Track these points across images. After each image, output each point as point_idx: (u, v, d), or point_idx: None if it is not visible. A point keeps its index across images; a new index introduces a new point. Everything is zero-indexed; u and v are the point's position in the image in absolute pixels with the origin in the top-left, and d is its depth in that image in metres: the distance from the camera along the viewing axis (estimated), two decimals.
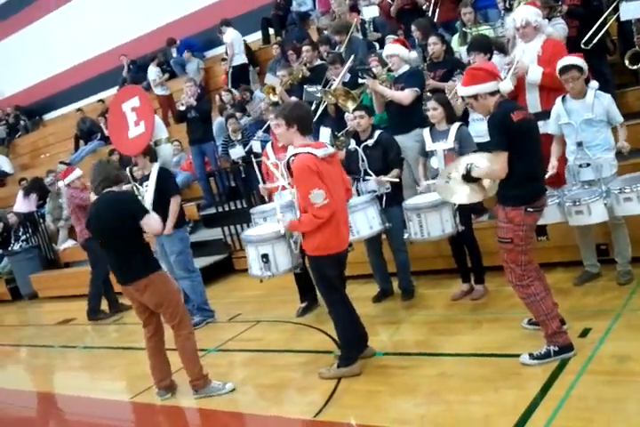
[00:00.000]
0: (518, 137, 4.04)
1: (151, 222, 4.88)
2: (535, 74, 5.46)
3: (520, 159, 4.06)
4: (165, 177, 6.47)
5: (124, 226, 4.79)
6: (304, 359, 5.35)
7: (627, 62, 6.33)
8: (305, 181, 4.39)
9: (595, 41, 6.36)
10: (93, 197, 8.02)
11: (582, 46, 6.28)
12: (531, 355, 4.18)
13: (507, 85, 4.19)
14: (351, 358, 4.76)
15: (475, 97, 4.20)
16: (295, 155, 4.47)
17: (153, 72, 14.03)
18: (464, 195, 4.41)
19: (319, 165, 4.40)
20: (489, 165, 4.18)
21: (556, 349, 4.13)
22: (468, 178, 4.27)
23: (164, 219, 6.42)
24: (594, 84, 5.12)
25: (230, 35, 12.53)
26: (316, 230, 4.48)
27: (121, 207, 4.86)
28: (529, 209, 4.12)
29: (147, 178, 6.36)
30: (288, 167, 4.61)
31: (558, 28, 6.17)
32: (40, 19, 18.99)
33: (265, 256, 5.20)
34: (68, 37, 17.76)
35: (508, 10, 7.82)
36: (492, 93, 4.16)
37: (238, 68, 12.45)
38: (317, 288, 5.08)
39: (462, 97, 4.39)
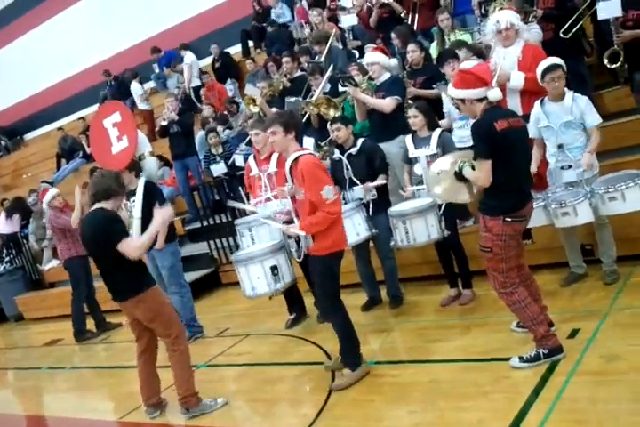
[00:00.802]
0: (501, 146, 3.99)
1: (125, 249, 4.63)
2: (517, 80, 5.49)
3: (503, 169, 4.01)
4: (152, 190, 6.38)
5: (106, 245, 4.70)
6: (295, 372, 5.31)
7: (605, 61, 6.37)
8: (316, 179, 4.47)
9: (574, 30, 6.39)
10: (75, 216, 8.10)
11: (562, 35, 6.32)
12: (521, 358, 4.16)
13: (495, 94, 4.15)
14: (358, 357, 4.76)
15: (462, 100, 4.21)
16: (297, 158, 4.54)
17: (136, 88, 14.00)
18: (450, 190, 4.33)
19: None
20: (475, 171, 4.14)
21: (546, 351, 4.11)
22: (458, 176, 4.23)
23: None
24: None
25: (190, 57, 13.49)
26: (330, 227, 4.54)
27: (99, 228, 4.74)
28: (507, 219, 4.07)
29: (133, 193, 6.30)
30: (289, 173, 4.67)
31: (533, 33, 6.21)
32: (17, 39, 18.95)
33: (275, 268, 5.16)
34: (46, 56, 17.73)
35: (485, 15, 7.88)
36: (480, 100, 4.14)
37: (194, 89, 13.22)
38: (323, 293, 4.78)
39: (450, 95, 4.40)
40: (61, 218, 8.42)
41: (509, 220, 4.07)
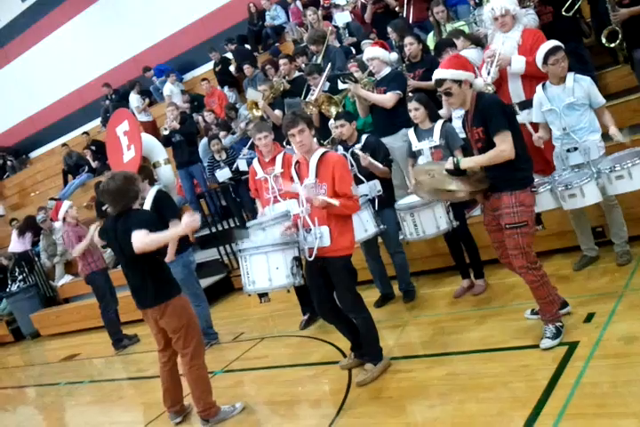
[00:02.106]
0: (512, 119, 4.14)
1: (134, 238, 4.44)
2: (518, 63, 5.43)
3: (517, 141, 4.12)
4: (164, 200, 6.18)
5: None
6: (312, 372, 5.26)
7: (603, 40, 6.29)
8: (348, 174, 4.59)
9: (575, 7, 6.30)
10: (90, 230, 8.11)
11: (563, 13, 6.23)
12: (548, 337, 4.15)
13: (480, 83, 4.17)
14: (380, 351, 4.75)
15: (459, 83, 4.14)
16: (323, 154, 4.57)
17: (134, 100, 14.04)
18: (453, 186, 4.30)
19: None
20: (485, 154, 4.14)
21: (561, 324, 4.19)
22: (453, 172, 4.22)
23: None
24: None
25: (168, 88, 13.68)
26: (348, 227, 4.62)
27: (127, 227, 4.55)
28: (533, 189, 4.26)
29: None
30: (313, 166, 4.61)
31: (530, 19, 6.14)
32: (15, 59, 19.01)
33: (297, 259, 4.77)
34: (46, 74, 17.80)
35: (478, 5, 7.83)
36: (471, 84, 4.15)
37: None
38: (348, 290, 4.66)
39: (439, 80, 4.22)
40: (78, 230, 8.45)
41: (535, 189, 4.28)
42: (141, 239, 4.43)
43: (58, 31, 17.77)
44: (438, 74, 4.24)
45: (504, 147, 4.06)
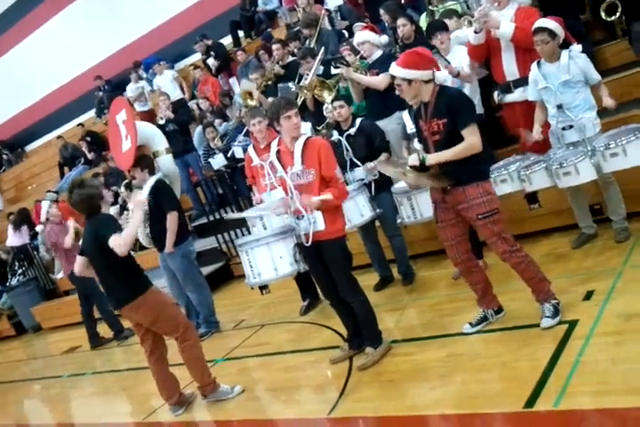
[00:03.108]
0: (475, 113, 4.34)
1: (113, 244, 4.53)
2: (507, 27, 5.32)
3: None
4: (162, 190, 6.23)
5: (102, 250, 4.64)
6: (314, 358, 5.26)
7: (602, 14, 6.23)
8: (332, 157, 4.54)
9: None
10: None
11: None
12: (547, 317, 4.14)
13: (442, 76, 4.20)
14: (380, 334, 4.76)
15: (409, 81, 4.16)
16: (307, 139, 4.56)
17: (131, 90, 13.92)
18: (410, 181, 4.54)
19: None
20: (453, 148, 4.12)
21: (557, 301, 4.20)
22: (417, 168, 4.22)
23: (163, 234, 6.34)
24: (577, 47, 5.05)
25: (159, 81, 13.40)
26: (339, 209, 4.62)
27: (96, 231, 4.70)
28: (490, 179, 4.42)
29: (140, 188, 6.21)
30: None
31: None
32: (7, 52, 18.88)
33: (298, 245, 4.76)
34: (38, 66, 17.63)
35: None
36: (427, 81, 4.16)
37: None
38: (344, 274, 4.66)
39: (394, 76, 4.29)
40: (60, 229, 8.52)
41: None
42: (118, 242, 4.52)
43: (49, 23, 17.60)
44: (391, 69, 4.31)
45: (474, 140, 4.10)
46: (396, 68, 4.22)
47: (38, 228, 10.11)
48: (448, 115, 4.12)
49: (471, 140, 4.09)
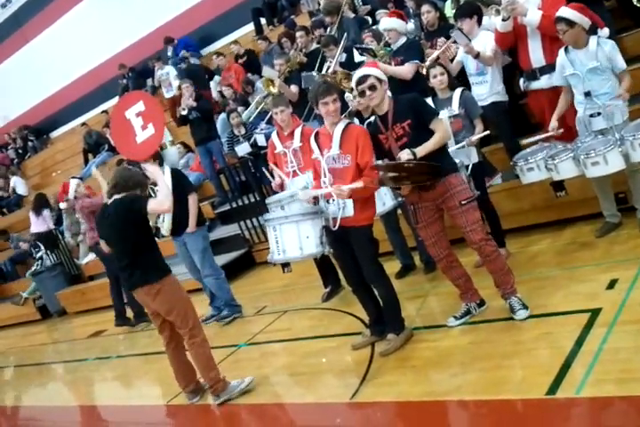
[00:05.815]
0: None
1: (153, 205, 4.67)
2: (534, 15, 5.30)
3: None
4: (180, 175, 6.65)
5: (132, 228, 4.70)
6: (335, 344, 5.28)
7: (634, 0, 6.14)
8: (370, 145, 4.53)
9: None
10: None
11: None
12: (520, 309, 4.33)
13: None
14: (402, 321, 4.79)
15: (381, 82, 4.52)
16: (347, 125, 4.61)
17: (157, 75, 13.96)
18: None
19: None
20: (431, 140, 4.30)
21: (520, 296, 4.42)
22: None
23: (184, 218, 6.47)
24: (603, 32, 5.04)
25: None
26: (370, 197, 4.64)
27: (126, 208, 4.74)
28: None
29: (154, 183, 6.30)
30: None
31: None
32: (33, 39, 19.05)
33: (325, 228, 4.74)
34: (63, 53, 17.76)
35: None
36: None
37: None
38: (370, 259, 4.67)
39: (364, 76, 4.53)
40: (92, 199, 8.52)
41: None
42: (160, 200, 4.74)
43: (74, 10, 17.71)
44: (365, 70, 4.56)
45: (444, 129, 4.45)
46: (370, 69, 4.58)
47: (62, 205, 10.08)
48: (411, 114, 4.36)
49: (442, 130, 4.38)
